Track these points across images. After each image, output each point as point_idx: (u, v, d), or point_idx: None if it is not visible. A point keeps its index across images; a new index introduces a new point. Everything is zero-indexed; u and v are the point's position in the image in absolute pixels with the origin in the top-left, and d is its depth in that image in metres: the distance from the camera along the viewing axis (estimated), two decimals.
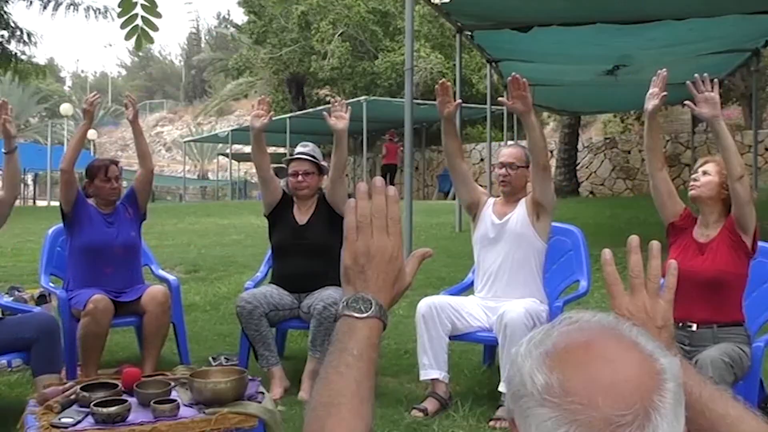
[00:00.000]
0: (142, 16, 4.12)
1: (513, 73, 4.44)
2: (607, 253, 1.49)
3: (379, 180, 1.40)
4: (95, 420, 3.32)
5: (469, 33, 11.27)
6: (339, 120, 5.00)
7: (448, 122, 4.74)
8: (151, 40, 4.20)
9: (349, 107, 5.10)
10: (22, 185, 35.68)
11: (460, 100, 4.77)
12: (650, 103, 4.04)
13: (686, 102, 4.01)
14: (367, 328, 1.30)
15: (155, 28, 4.17)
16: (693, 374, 1.43)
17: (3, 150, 4.78)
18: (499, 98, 4.74)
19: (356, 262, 1.36)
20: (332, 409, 1.23)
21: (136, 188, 5.47)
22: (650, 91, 4.07)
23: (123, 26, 4.15)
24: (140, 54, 78.37)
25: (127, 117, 5.38)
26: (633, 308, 1.46)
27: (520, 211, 4.75)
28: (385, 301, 1.34)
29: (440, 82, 4.72)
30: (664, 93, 4.01)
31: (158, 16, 4.12)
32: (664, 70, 4.09)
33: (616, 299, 1.48)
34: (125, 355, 5.79)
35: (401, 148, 27.42)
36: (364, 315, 1.31)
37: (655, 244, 1.51)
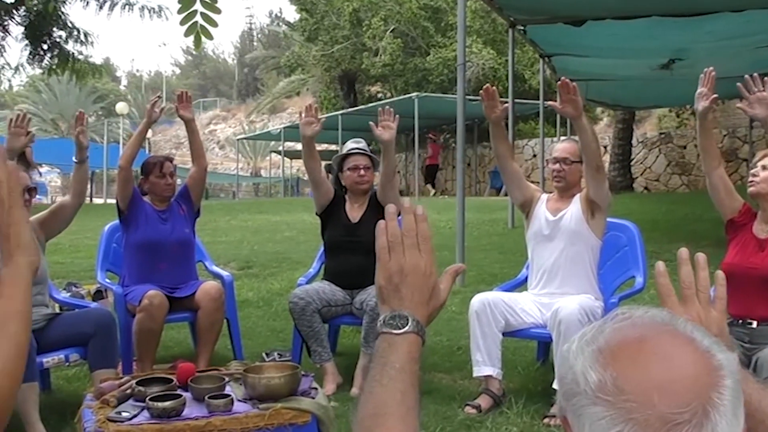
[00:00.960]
0: (201, 13, 4.13)
1: (562, 78, 4.39)
2: (660, 265, 1.50)
3: (407, 201, 1.47)
4: (151, 414, 3.35)
5: (522, 28, 11.17)
6: (385, 130, 4.97)
7: (497, 126, 4.71)
8: (210, 37, 4.20)
9: (397, 116, 5.05)
10: None
11: (507, 105, 4.72)
12: (700, 104, 3.97)
13: (739, 105, 3.93)
14: (406, 343, 1.32)
15: (215, 24, 4.18)
16: (752, 382, 1.39)
17: (75, 159, 4.87)
18: (550, 102, 4.69)
19: (390, 281, 1.38)
20: (379, 419, 1.24)
21: (190, 185, 5.52)
22: (698, 90, 3.99)
23: (182, 23, 4.16)
24: (194, 53, 79.24)
25: (183, 116, 5.39)
26: (687, 318, 1.44)
27: (575, 207, 4.70)
28: (421, 317, 1.36)
29: (485, 87, 4.67)
30: (715, 95, 3.94)
31: (217, 11, 4.13)
32: (711, 68, 4.01)
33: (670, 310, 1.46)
34: (179, 351, 5.85)
35: (442, 148, 27.43)
36: (402, 331, 1.32)
37: (701, 257, 1.51)
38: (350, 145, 5.42)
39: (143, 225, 5.25)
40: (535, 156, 24.12)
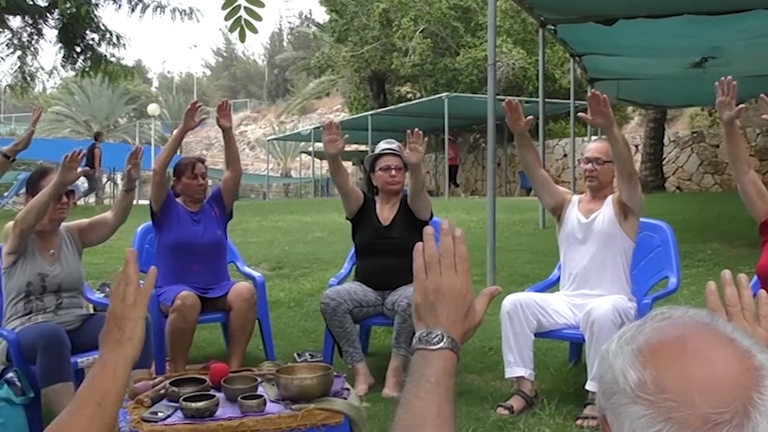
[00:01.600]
0: (245, 7, 4.16)
1: (593, 90, 4.37)
2: (711, 285, 1.52)
3: (446, 223, 1.48)
4: (184, 414, 3.38)
5: (552, 27, 11.13)
6: (413, 153, 4.95)
7: (522, 136, 4.71)
8: (255, 30, 4.22)
9: (425, 138, 5.01)
10: (111, 184, 36.52)
11: (531, 117, 4.71)
12: (725, 113, 3.94)
13: (764, 116, 3.91)
14: (441, 358, 1.34)
15: (258, 18, 4.20)
16: None
17: (123, 188, 4.94)
18: (581, 114, 4.66)
19: (426, 299, 1.40)
20: (416, 430, 1.26)
21: (224, 189, 5.54)
22: (718, 99, 3.97)
23: (227, 18, 4.20)
24: (224, 54, 79.72)
25: (223, 125, 5.39)
26: None
27: (607, 210, 4.67)
28: (456, 335, 1.38)
29: (507, 101, 4.67)
30: (742, 106, 3.91)
31: (261, 5, 4.15)
32: (729, 77, 3.98)
33: None
34: (212, 351, 5.88)
35: (460, 149, 27.44)
36: (437, 347, 1.34)
37: (743, 277, 1.52)
38: (383, 145, 5.42)
39: (176, 226, 5.28)
40: (565, 156, 24.00)
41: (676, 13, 9.27)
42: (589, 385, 4.22)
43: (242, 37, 4.27)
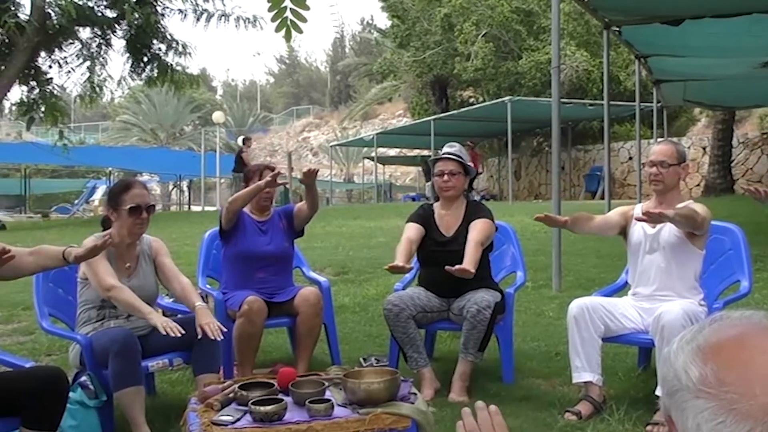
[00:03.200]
0: (290, 9, 4.26)
1: (642, 212, 4.34)
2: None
3: (480, 403, 1.72)
4: (253, 418, 3.41)
5: (617, 29, 10.99)
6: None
7: (572, 225, 4.70)
8: (300, 30, 4.31)
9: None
10: (177, 191, 36.99)
11: (578, 215, 4.71)
12: None
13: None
14: None
15: (303, 20, 4.29)
16: None
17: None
18: (637, 217, 4.59)
19: None
20: None
21: (296, 215, 5.53)
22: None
23: (273, 19, 4.30)
24: (287, 61, 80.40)
25: (308, 184, 5.34)
26: None
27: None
28: None
29: (536, 217, 4.65)
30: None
31: (306, 8, 4.24)
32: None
33: None
34: (278, 355, 5.92)
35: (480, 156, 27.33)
36: None
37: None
38: (444, 149, 5.39)
39: (241, 237, 5.32)
40: (630, 159, 23.75)
41: (744, 12, 9.09)
42: (659, 391, 4.13)
43: (288, 37, 4.37)
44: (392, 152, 41.51)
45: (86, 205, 36.50)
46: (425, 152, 29.71)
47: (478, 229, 5.03)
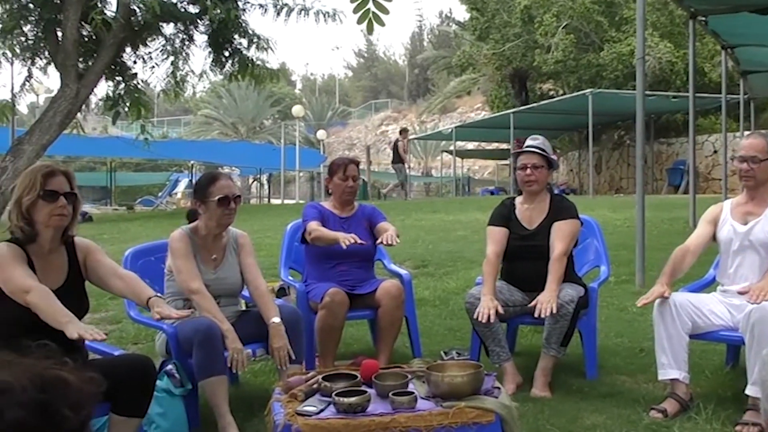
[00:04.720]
0: (373, 1, 4.26)
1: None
2: None
3: None
4: (337, 409, 3.43)
5: (703, 18, 10.76)
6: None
7: (676, 275, 4.72)
8: (382, 23, 4.31)
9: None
10: (257, 185, 37.36)
11: (665, 288, 4.53)
12: None
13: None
14: None
15: (386, 11, 4.29)
16: None
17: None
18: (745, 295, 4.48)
19: None
20: None
21: (376, 232, 5.43)
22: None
23: (355, 11, 4.31)
24: (365, 55, 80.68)
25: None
26: None
27: (767, 220, 4.47)
28: None
29: (640, 304, 4.55)
30: None
31: None
32: None
33: None
34: (359, 348, 5.95)
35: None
36: None
37: None
38: (528, 142, 5.34)
39: None
40: (715, 152, 23.21)
41: None
42: (750, 390, 4.02)
43: (370, 29, 4.36)
44: (470, 146, 41.32)
45: (169, 197, 37.23)
46: (504, 145, 29.51)
47: (562, 237, 4.98)
